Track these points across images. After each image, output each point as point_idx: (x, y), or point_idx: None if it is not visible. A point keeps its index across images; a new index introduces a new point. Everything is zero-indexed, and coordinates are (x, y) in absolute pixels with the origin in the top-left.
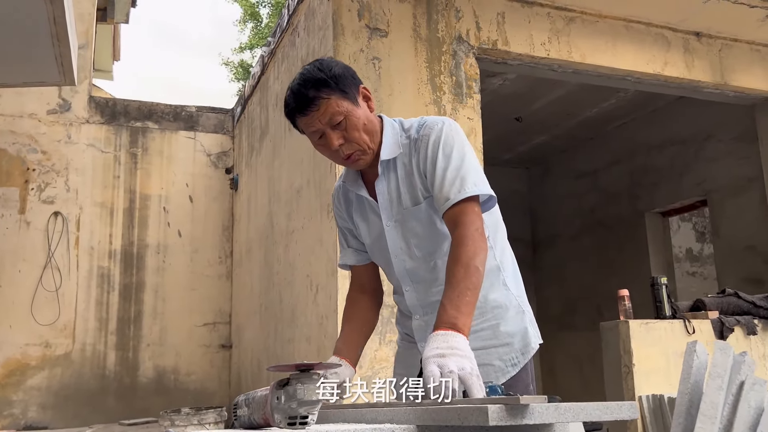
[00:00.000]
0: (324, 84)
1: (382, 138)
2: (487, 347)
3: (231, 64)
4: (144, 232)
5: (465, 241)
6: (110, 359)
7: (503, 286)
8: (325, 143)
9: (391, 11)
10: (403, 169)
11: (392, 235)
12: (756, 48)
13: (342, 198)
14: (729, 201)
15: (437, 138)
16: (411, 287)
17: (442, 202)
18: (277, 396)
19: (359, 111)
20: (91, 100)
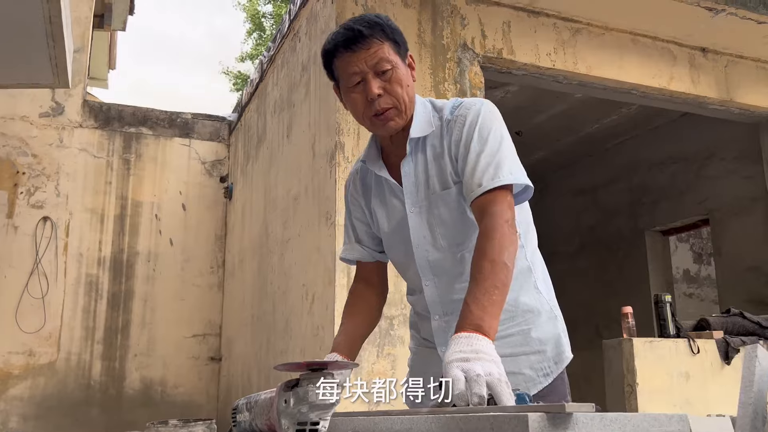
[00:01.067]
0: (381, 28)
1: (413, 115)
2: (516, 354)
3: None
4: (135, 239)
5: (493, 234)
6: (96, 369)
7: (534, 289)
8: (363, 90)
9: (396, 16)
10: (432, 150)
11: (416, 222)
12: (762, 65)
13: (359, 183)
14: (732, 221)
15: (474, 119)
16: (432, 282)
17: (473, 188)
18: (285, 399)
19: (405, 70)
20: (84, 104)
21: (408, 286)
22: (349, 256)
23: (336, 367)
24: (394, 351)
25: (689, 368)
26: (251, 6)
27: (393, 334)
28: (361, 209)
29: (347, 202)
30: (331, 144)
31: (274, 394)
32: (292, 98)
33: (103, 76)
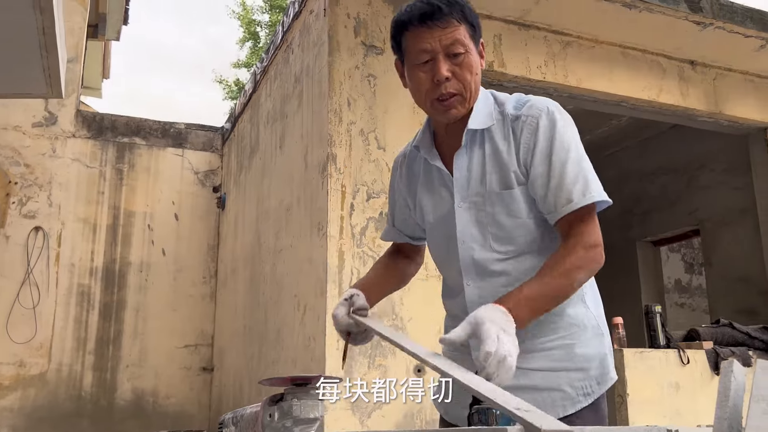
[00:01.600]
0: (461, 8)
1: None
2: (557, 369)
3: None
4: (127, 249)
5: (576, 249)
6: (87, 380)
7: (582, 303)
8: (431, 70)
9: (388, 29)
10: (492, 145)
11: (463, 217)
12: (750, 78)
13: (405, 169)
14: (722, 231)
15: (550, 124)
16: (474, 282)
17: (562, 203)
18: (269, 413)
19: (477, 57)
20: (78, 114)
21: (445, 286)
22: (386, 238)
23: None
24: (384, 362)
25: (679, 379)
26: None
27: (384, 345)
28: (402, 196)
29: (391, 184)
30: (323, 155)
31: (259, 409)
32: (284, 109)
33: (97, 86)
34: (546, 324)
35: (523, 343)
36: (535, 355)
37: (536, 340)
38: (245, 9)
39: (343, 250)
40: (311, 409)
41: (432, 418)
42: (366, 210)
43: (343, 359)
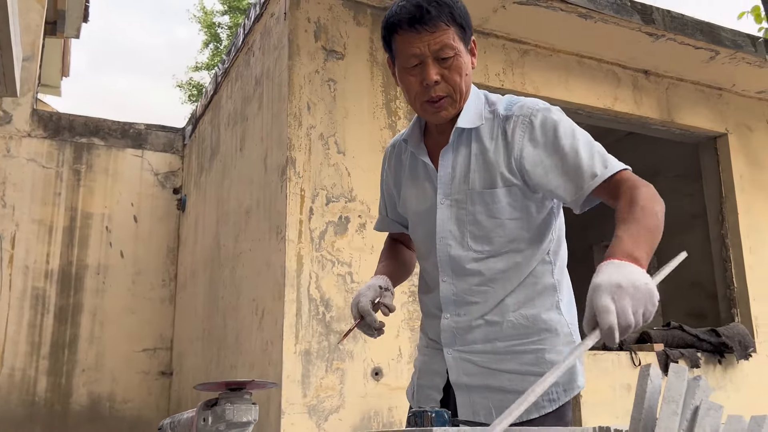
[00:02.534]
0: (450, 11)
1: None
2: (525, 373)
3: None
4: (84, 251)
5: (639, 190)
6: (41, 385)
7: (556, 309)
8: (420, 74)
9: (348, 34)
10: (478, 144)
11: (444, 214)
12: (700, 88)
13: (394, 159)
14: (674, 237)
15: (547, 119)
16: (449, 279)
17: (587, 179)
18: (203, 417)
19: (467, 58)
20: (34, 114)
21: (422, 281)
22: (380, 228)
23: (254, 387)
24: (342, 366)
25: (631, 380)
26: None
27: (342, 349)
28: (389, 186)
29: (381, 176)
30: (283, 159)
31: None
32: (245, 112)
33: (55, 84)
34: (519, 327)
35: (495, 343)
36: (505, 357)
37: (509, 342)
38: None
39: (301, 254)
40: (244, 413)
41: (389, 420)
42: (325, 214)
43: (343, 337)
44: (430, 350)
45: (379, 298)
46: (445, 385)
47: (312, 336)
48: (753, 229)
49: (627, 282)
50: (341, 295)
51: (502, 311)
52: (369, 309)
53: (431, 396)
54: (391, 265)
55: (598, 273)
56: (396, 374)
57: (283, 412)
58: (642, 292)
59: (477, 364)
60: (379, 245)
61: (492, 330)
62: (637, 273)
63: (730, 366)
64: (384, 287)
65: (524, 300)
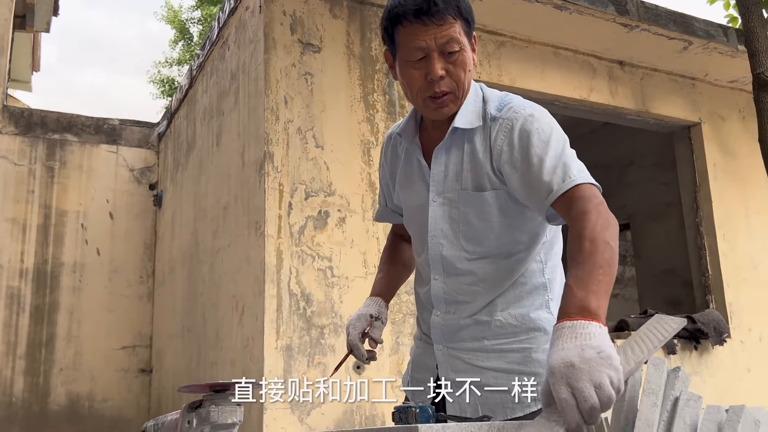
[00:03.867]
0: (457, 4)
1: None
2: (511, 371)
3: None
4: (59, 249)
5: (587, 215)
6: (18, 386)
7: (546, 308)
8: (425, 68)
9: (325, 27)
10: (471, 145)
11: (436, 213)
12: (674, 78)
13: (390, 151)
14: (649, 225)
15: (524, 124)
16: (441, 278)
17: (544, 195)
18: (188, 419)
19: (471, 53)
20: (4, 110)
21: (418, 274)
22: (380, 219)
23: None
24: (324, 360)
25: None
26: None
27: (323, 343)
28: (386, 177)
29: (379, 164)
30: (260, 153)
31: (179, 416)
32: (221, 106)
33: (26, 79)
34: (507, 326)
35: (483, 342)
36: (492, 355)
37: (497, 341)
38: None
39: (281, 249)
40: (229, 415)
41: (371, 414)
42: (304, 209)
43: (334, 370)
44: (423, 344)
45: (369, 328)
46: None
47: (293, 331)
48: (726, 217)
49: (579, 358)
50: (322, 290)
51: (490, 311)
52: (357, 343)
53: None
54: (391, 271)
55: (551, 346)
56: (378, 367)
57: (265, 408)
58: (597, 363)
59: (465, 361)
60: (360, 239)
61: (480, 328)
62: (591, 339)
63: (705, 352)
64: (375, 316)
65: (513, 299)
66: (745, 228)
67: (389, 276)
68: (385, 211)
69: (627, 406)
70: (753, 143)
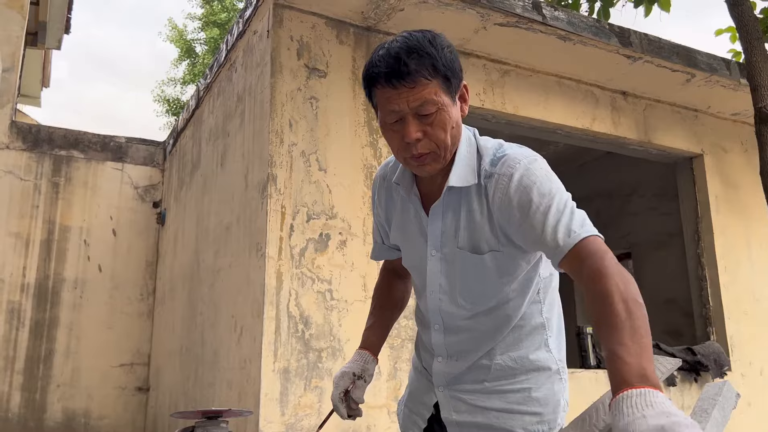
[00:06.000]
0: (432, 62)
1: (456, 154)
2: (513, 411)
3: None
4: (61, 265)
5: (606, 272)
6: (14, 401)
7: (545, 347)
8: (401, 130)
9: (331, 53)
10: (467, 203)
11: (435, 267)
12: (677, 110)
13: (384, 193)
14: (651, 255)
15: (520, 181)
16: (441, 329)
17: (551, 254)
18: None
19: (453, 109)
20: (12, 125)
21: (419, 311)
22: (376, 257)
23: (230, 415)
24: (321, 383)
25: None
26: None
27: (321, 367)
28: (381, 219)
29: (373, 205)
30: (264, 176)
31: None
32: (227, 127)
33: (35, 95)
34: (507, 369)
35: (483, 384)
36: (493, 396)
37: (497, 382)
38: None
39: (281, 271)
40: None
41: None
42: (306, 231)
43: (319, 427)
44: (423, 378)
45: (351, 387)
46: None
47: (291, 354)
48: (728, 249)
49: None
50: (321, 313)
51: (490, 356)
52: (338, 403)
53: (416, 423)
54: (382, 318)
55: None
56: (374, 392)
57: (261, 431)
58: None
59: (466, 402)
60: (360, 262)
61: (481, 372)
62: (669, 407)
63: (705, 384)
64: (358, 375)
65: (512, 343)
66: (747, 260)
67: (380, 324)
68: (382, 248)
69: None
70: (755, 176)
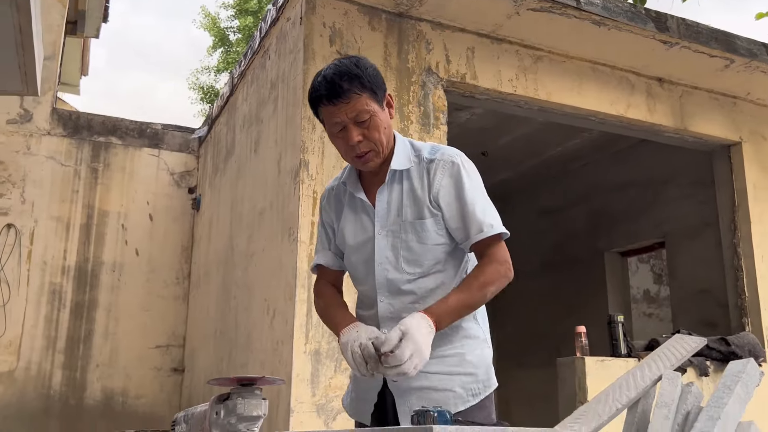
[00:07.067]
0: (359, 81)
1: (394, 149)
2: (451, 373)
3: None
4: (100, 249)
5: (489, 267)
6: (56, 379)
7: (474, 319)
8: (345, 137)
9: (363, 39)
10: (409, 182)
11: (381, 243)
12: (715, 96)
13: (333, 199)
14: (685, 244)
15: (460, 168)
16: (386, 299)
17: (474, 232)
18: (216, 411)
19: (383, 114)
20: (53, 112)
21: (359, 300)
22: (322, 262)
23: (264, 383)
24: None
25: None
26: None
27: None
28: (330, 223)
29: (321, 214)
30: (296, 161)
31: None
32: (260, 114)
33: (75, 82)
34: (444, 336)
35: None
36: (433, 361)
37: (437, 350)
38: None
39: (312, 255)
40: (254, 408)
41: None
42: None
43: None
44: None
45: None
46: (379, 392)
47: (321, 336)
48: (765, 238)
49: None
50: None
51: None
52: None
53: (367, 400)
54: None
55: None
56: None
57: (292, 411)
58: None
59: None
60: None
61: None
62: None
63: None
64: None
65: None
66: None
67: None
68: (328, 255)
69: (639, 418)
70: None
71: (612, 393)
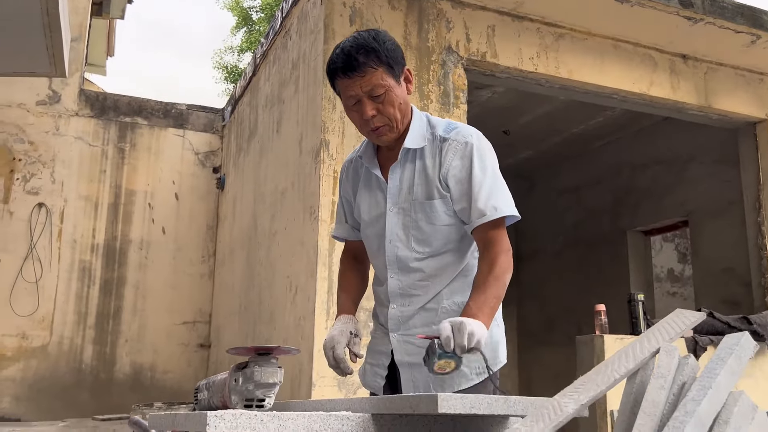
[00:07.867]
0: (376, 54)
1: (410, 125)
2: None
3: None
4: (128, 227)
5: (497, 258)
6: (87, 354)
7: None
8: (359, 110)
9: (383, 18)
10: (421, 162)
11: (392, 220)
12: (740, 73)
13: (351, 172)
14: (709, 223)
15: (473, 149)
16: (396, 275)
17: (477, 215)
18: (234, 378)
19: (399, 89)
20: (81, 93)
21: (375, 276)
22: (339, 234)
23: (279, 352)
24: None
25: None
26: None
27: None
28: (348, 195)
29: (340, 186)
30: (317, 141)
31: (227, 375)
32: (282, 94)
33: (101, 63)
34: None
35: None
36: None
37: None
38: None
39: None
40: (270, 375)
41: None
42: None
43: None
44: (379, 333)
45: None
46: (390, 365)
47: None
48: None
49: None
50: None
51: (438, 300)
52: (344, 356)
53: (378, 373)
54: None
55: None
56: None
57: (314, 384)
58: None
59: (416, 345)
60: None
61: (429, 315)
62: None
63: (760, 354)
64: (354, 333)
65: (457, 289)
66: None
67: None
68: (345, 227)
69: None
70: None
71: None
